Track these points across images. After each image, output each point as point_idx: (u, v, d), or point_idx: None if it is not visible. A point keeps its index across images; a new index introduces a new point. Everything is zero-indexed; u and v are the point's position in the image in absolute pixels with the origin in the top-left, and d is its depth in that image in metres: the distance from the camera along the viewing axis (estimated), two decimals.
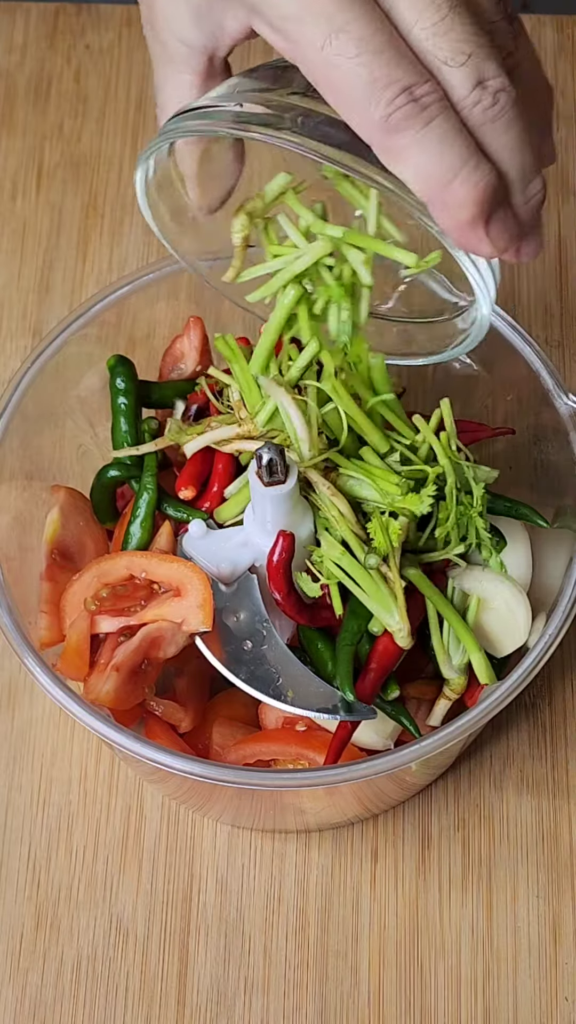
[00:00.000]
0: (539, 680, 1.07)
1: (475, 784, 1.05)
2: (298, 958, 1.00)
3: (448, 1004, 0.99)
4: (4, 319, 1.21)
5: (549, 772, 1.05)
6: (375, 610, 0.92)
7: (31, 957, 1.00)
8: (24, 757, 1.06)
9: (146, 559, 0.96)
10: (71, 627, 0.95)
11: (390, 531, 0.92)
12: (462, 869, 1.02)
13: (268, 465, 0.90)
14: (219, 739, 0.99)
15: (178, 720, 0.98)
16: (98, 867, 1.03)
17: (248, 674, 0.93)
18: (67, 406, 1.04)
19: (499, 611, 0.96)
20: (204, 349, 1.05)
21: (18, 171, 1.27)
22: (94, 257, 1.24)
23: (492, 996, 0.99)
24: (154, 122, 1.29)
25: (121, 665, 0.93)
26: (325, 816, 1.01)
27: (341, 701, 0.92)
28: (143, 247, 1.24)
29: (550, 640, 0.92)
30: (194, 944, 1.01)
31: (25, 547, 0.99)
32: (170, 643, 0.94)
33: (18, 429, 1.00)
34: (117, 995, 0.99)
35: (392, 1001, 0.99)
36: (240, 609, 0.95)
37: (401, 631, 0.92)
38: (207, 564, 0.96)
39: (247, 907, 1.01)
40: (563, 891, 1.01)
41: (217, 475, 0.99)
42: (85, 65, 1.31)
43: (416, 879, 1.02)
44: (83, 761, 1.05)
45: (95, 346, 1.03)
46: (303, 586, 0.94)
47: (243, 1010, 0.99)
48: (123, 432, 1.02)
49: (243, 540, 0.96)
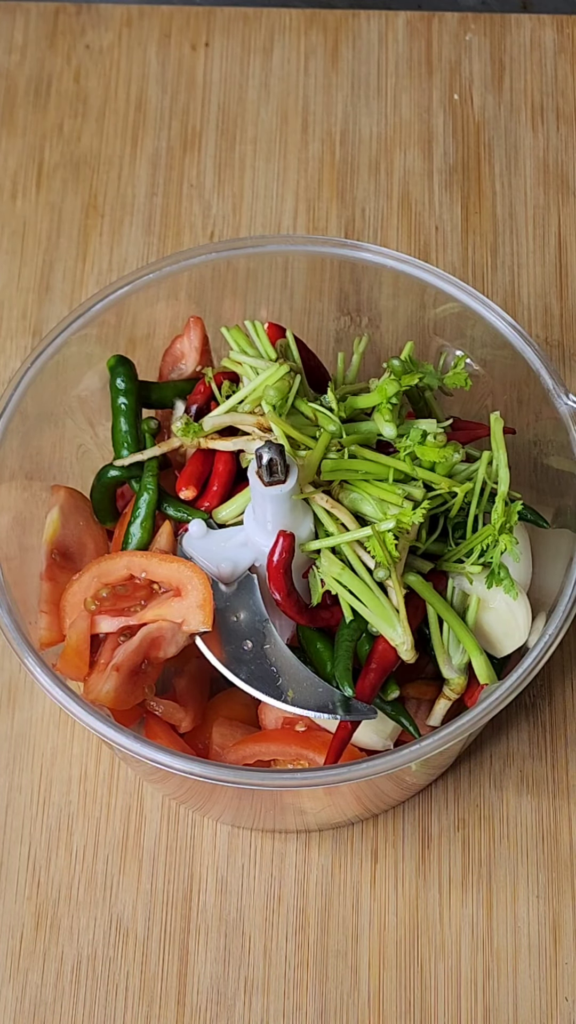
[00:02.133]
0: (539, 680, 1.07)
1: (475, 784, 1.05)
2: (298, 958, 1.00)
3: (448, 1004, 0.99)
4: (4, 319, 1.21)
5: (549, 772, 1.05)
6: (378, 624, 0.92)
7: (31, 957, 1.01)
8: (24, 757, 1.06)
9: (146, 559, 0.96)
10: (71, 627, 0.95)
11: (387, 544, 0.92)
12: (462, 869, 1.02)
13: (268, 465, 0.90)
14: (219, 739, 0.99)
15: (178, 720, 0.98)
16: (98, 867, 1.03)
17: (248, 674, 0.93)
18: (67, 406, 1.04)
19: (499, 611, 0.96)
20: (204, 349, 1.05)
21: (18, 171, 1.27)
22: (94, 257, 1.24)
23: (492, 996, 0.99)
24: (154, 122, 1.29)
25: (121, 665, 0.93)
26: (325, 816, 1.01)
27: (341, 701, 0.92)
28: (143, 247, 1.24)
29: (550, 640, 0.92)
30: (194, 944, 1.01)
31: (25, 547, 0.99)
32: (170, 643, 0.94)
33: (18, 429, 1.00)
34: (117, 995, 0.99)
35: (392, 1001, 0.99)
36: (240, 609, 0.95)
37: (404, 644, 0.92)
38: (207, 564, 0.96)
39: (247, 907, 1.01)
40: (563, 891, 1.01)
41: (217, 475, 0.99)
42: (85, 65, 1.31)
43: (416, 879, 1.02)
44: (83, 761, 1.05)
45: (95, 346, 1.03)
46: (314, 590, 0.94)
47: (243, 1010, 0.99)
48: (123, 432, 1.02)
49: (243, 540, 0.96)
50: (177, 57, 1.31)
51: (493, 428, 0.97)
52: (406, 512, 0.92)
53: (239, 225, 1.25)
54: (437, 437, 0.95)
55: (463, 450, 0.96)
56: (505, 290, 1.21)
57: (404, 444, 0.96)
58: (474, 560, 0.95)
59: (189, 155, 1.28)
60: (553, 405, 0.99)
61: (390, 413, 0.95)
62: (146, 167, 1.27)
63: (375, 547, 0.92)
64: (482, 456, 0.97)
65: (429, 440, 0.95)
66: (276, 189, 1.26)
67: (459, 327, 1.04)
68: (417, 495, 0.94)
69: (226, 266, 1.06)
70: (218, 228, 1.25)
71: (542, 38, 1.31)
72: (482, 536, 0.95)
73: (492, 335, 1.02)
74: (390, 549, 0.92)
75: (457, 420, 1.01)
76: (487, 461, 0.96)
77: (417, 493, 0.94)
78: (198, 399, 1.02)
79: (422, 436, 0.95)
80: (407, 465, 0.95)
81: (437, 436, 0.95)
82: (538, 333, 1.20)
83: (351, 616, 0.94)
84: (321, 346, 1.10)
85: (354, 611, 0.94)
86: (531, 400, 1.01)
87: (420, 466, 0.95)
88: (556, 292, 1.21)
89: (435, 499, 0.95)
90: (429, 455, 0.95)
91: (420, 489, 0.95)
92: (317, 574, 0.94)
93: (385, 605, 0.92)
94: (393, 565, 0.92)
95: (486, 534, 0.95)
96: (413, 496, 0.94)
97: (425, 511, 0.93)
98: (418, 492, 0.94)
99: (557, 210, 1.25)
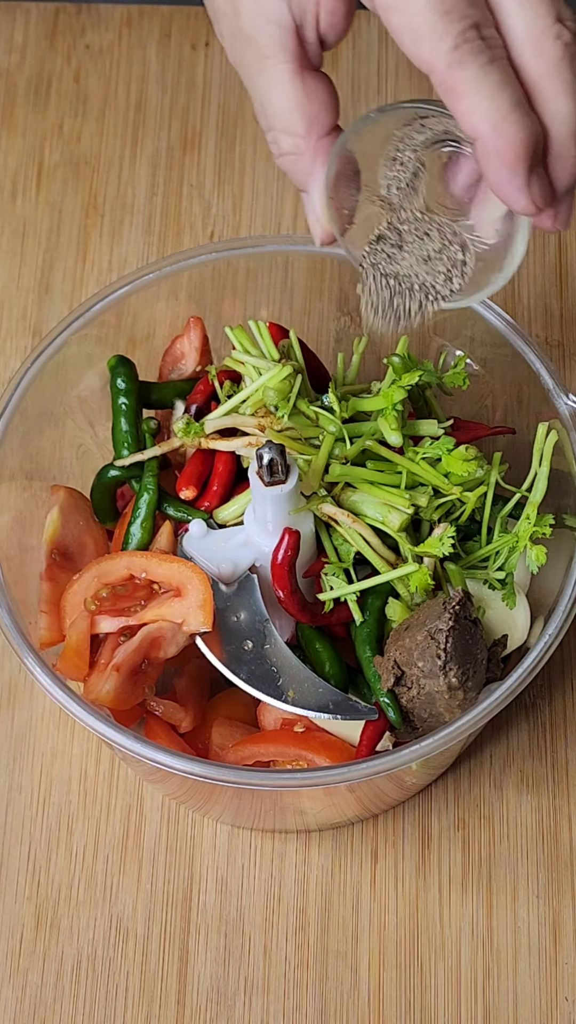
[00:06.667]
0: (539, 680, 1.07)
1: (475, 784, 1.05)
2: (298, 958, 1.00)
3: (448, 1004, 0.99)
4: (4, 319, 1.21)
5: (549, 772, 1.05)
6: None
7: (31, 957, 1.00)
8: (24, 757, 1.06)
9: (146, 559, 0.96)
10: (71, 627, 0.95)
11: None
12: (462, 869, 1.02)
13: (269, 465, 0.90)
14: (219, 739, 0.99)
15: (178, 720, 0.98)
16: (98, 867, 1.03)
17: (248, 674, 0.93)
18: (67, 406, 1.04)
19: (499, 611, 0.96)
20: (204, 349, 1.05)
21: (18, 171, 1.27)
22: (94, 257, 1.24)
23: (492, 996, 0.99)
24: (154, 122, 1.29)
25: (121, 665, 0.93)
26: (325, 816, 1.01)
27: (341, 701, 0.92)
28: (143, 247, 1.24)
29: (550, 640, 0.92)
30: (194, 944, 1.01)
31: (25, 547, 0.99)
32: (170, 643, 0.94)
33: (18, 429, 1.00)
34: (117, 995, 0.99)
35: (392, 1001, 0.99)
36: (240, 609, 0.95)
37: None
38: (207, 564, 0.96)
39: (247, 907, 1.01)
40: (563, 891, 1.01)
41: (217, 475, 0.99)
42: (85, 65, 1.31)
43: (416, 879, 1.02)
44: (83, 761, 1.05)
45: (95, 346, 1.03)
46: (327, 593, 0.94)
47: (243, 1010, 0.99)
48: (123, 432, 1.02)
49: (243, 540, 0.96)
50: (177, 57, 1.31)
51: (539, 438, 0.97)
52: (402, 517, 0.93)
53: (239, 225, 1.25)
54: (468, 450, 0.95)
55: (481, 459, 0.96)
56: (505, 290, 1.21)
57: (417, 450, 0.96)
58: (493, 567, 0.96)
59: (189, 155, 1.28)
60: (553, 405, 0.99)
61: (396, 421, 0.95)
62: (146, 167, 1.27)
63: (418, 581, 0.93)
64: (494, 459, 0.97)
65: (459, 452, 0.95)
66: (276, 189, 1.26)
67: (459, 327, 1.04)
68: (422, 501, 0.94)
69: (226, 266, 1.06)
70: (218, 228, 1.25)
71: None
72: (502, 543, 0.95)
73: (492, 335, 1.02)
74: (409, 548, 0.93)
75: (457, 420, 1.01)
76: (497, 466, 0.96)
77: (422, 499, 0.94)
78: (198, 399, 1.02)
79: (451, 447, 0.95)
80: (421, 468, 0.95)
81: (468, 449, 0.95)
82: (538, 333, 1.20)
83: (361, 618, 0.94)
84: (321, 346, 1.10)
85: (363, 610, 0.94)
86: (531, 400, 1.01)
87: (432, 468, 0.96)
88: (556, 292, 1.21)
89: (444, 505, 0.96)
90: (455, 467, 0.95)
91: (427, 495, 0.95)
92: (327, 581, 0.95)
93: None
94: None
95: (507, 542, 0.95)
96: (418, 502, 0.94)
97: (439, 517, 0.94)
98: (423, 499, 0.94)
99: None
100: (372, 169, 0.84)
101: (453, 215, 0.83)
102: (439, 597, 0.93)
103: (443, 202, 0.83)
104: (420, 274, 0.85)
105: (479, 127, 0.74)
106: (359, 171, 0.84)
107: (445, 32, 0.72)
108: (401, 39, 0.74)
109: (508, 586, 0.96)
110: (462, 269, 0.85)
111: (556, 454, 0.98)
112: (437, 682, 0.90)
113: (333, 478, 0.95)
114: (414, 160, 0.83)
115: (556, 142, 0.76)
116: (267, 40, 0.80)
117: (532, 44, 0.74)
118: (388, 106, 0.82)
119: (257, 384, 0.97)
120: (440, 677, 0.90)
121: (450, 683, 0.90)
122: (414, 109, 0.81)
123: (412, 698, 0.92)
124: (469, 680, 0.91)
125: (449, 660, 0.90)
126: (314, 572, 0.96)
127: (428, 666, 0.90)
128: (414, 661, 0.91)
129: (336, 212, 0.83)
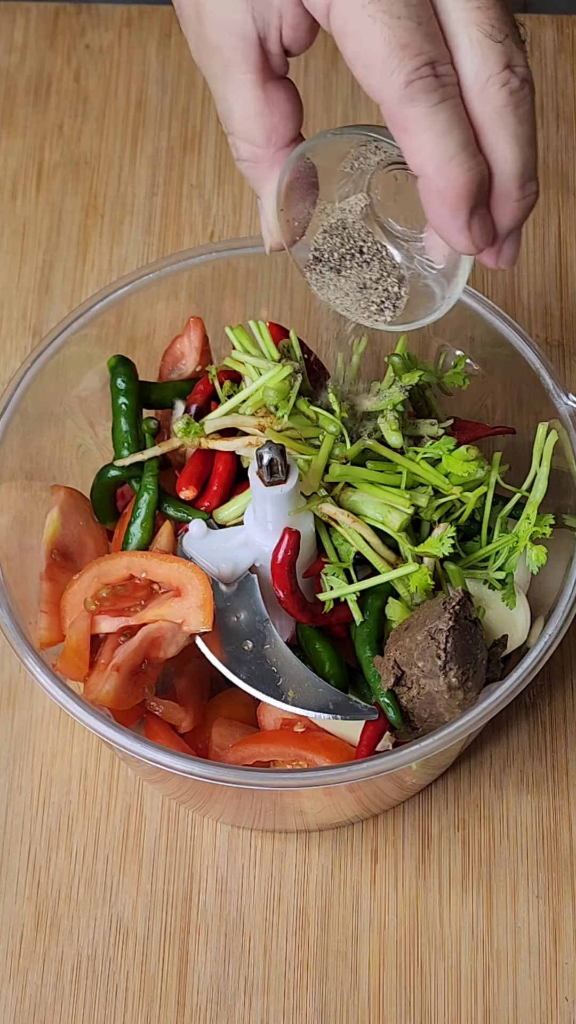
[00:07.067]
0: (539, 680, 1.07)
1: (475, 784, 1.05)
2: (298, 958, 1.00)
3: (448, 1004, 0.99)
4: (4, 319, 1.21)
5: (549, 772, 1.05)
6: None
7: (31, 957, 1.00)
8: (24, 757, 1.06)
9: (146, 559, 0.96)
10: (71, 627, 0.95)
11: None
12: (462, 869, 1.02)
13: (269, 465, 0.90)
14: (219, 739, 0.99)
15: (178, 720, 0.98)
16: (98, 867, 1.03)
17: (248, 674, 0.93)
18: (67, 406, 1.04)
19: (499, 611, 0.96)
20: (204, 349, 1.05)
21: (18, 171, 1.27)
22: (94, 257, 1.24)
23: (492, 996, 0.99)
24: (154, 122, 1.29)
25: (121, 665, 0.93)
26: (325, 816, 1.01)
27: (342, 701, 0.92)
28: (143, 247, 1.24)
29: (550, 640, 0.92)
30: (194, 944, 1.01)
31: (25, 547, 0.99)
32: (170, 643, 0.94)
33: (18, 429, 1.00)
34: (117, 995, 0.99)
35: (392, 1001, 0.99)
36: (240, 609, 0.95)
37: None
38: (207, 564, 0.96)
39: (247, 907, 1.01)
40: (563, 891, 1.01)
41: (217, 475, 0.99)
42: (85, 65, 1.31)
43: (416, 879, 1.02)
44: (83, 761, 1.05)
45: (95, 346, 1.03)
46: (327, 593, 0.94)
47: (243, 1010, 0.99)
48: (124, 432, 1.02)
49: (243, 540, 0.96)
50: (177, 57, 1.31)
51: (539, 438, 0.97)
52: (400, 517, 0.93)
53: (239, 225, 1.25)
54: (468, 450, 0.95)
55: (482, 459, 0.96)
56: (505, 290, 1.21)
57: (417, 450, 0.96)
58: (493, 567, 0.96)
59: (189, 155, 1.28)
60: (553, 405, 0.99)
61: (396, 422, 0.95)
62: (146, 167, 1.27)
63: (418, 581, 0.93)
64: (494, 459, 0.97)
65: (459, 452, 0.95)
66: None
67: (459, 327, 1.04)
68: (422, 501, 0.94)
69: (226, 266, 1.06)
70: (218, 228, 1.25)
71: (542, 38, 1.31)
72: (502, 543, 0.95)
73: (492, 335, 1.02)
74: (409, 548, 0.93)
75: (457, 420, 1.01)
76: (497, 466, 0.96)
77: (423, 500, 0.94)
78: (198, 399, 1.02)
79: (452, 447, 0.95)
80: (421, 468, 0.95)
81: (468, 449, 0.95)
82: (538, 333, 1.20)
83: (361, 618, 0.94)
84: (321, 346, 1.10)
85: (363, 610, 0.94)
86: (531, 400, 1.01)
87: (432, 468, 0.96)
88: (556, 292, 1.21)
89: (444, 505, 0.96)
90: (455, 468, 0.95)
91: (427, 495, 0.95)
92: (327, 581, 0.95)
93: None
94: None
95: (507, 542, 0.95)
96: (419, 502, 0.94)
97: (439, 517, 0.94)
98: (423, 499, 0.94)
99: (557, 210, 1.25)
100: (327, 184, 0.84)
101: (406, 235, 0.83)
102: (439, 597, 0.93)
103: (398, 221, 0.83)
104: (354, 301, 0.85)
105: (424, 166, 0.73)
106: (317, 184, 0.84)
107: (399, 68, 0.71)
108: (354, 68, 0.73)
109: (508, 586, 0.96)
110: (395, 303, 0.85)
111: (556, 454, 0.98)
112: (437, 682, 0.90)
113: (333, 478, 0.95)
114: (367, 180, 0.83)
115: (500, 185, 0.75)
116: (230, 52, 0.79)
117: (478, 89, 0.73)
118: (346, 127, 0.82)
119: (257, 384, 0.97)
120: (440, 677, 0.90)
121: (450, 683, 0.90)
122: (369, 134, 0.81)
123: (412, 698, 0.92)
124: (469, 680, 0.91)
125: (449, 660, 0.90)
126: (314, 572, 0.96)
127: (428, 666, 0.90)
128: (414, 661, 0.91)
129: (287, 223, 0.83)
